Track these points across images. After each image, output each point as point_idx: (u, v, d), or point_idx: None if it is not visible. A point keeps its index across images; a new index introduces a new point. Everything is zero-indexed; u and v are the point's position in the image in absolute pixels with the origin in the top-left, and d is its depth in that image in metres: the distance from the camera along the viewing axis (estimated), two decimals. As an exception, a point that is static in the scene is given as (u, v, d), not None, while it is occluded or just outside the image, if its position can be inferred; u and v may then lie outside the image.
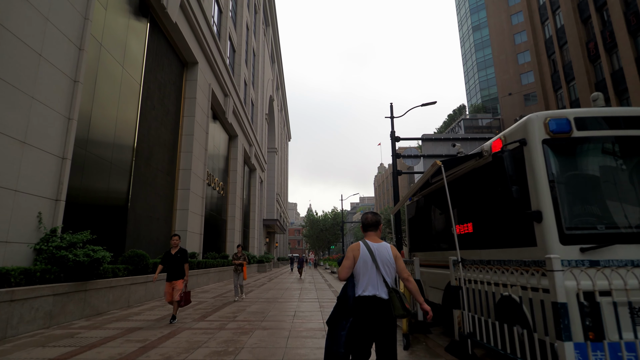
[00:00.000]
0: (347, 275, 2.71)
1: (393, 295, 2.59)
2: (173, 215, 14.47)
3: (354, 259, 2.70)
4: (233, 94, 22.81)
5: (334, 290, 12.71)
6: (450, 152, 16.43)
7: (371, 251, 2.69)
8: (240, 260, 10.05)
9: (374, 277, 2.62)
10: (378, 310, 2.55)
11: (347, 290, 2.67)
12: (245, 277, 9.79)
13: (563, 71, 29.57)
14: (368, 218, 2.88)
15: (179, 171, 14.97)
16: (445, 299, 5.69)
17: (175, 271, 6.44)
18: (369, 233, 2.85)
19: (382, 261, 2.66)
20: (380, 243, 2.77)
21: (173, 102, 14.82)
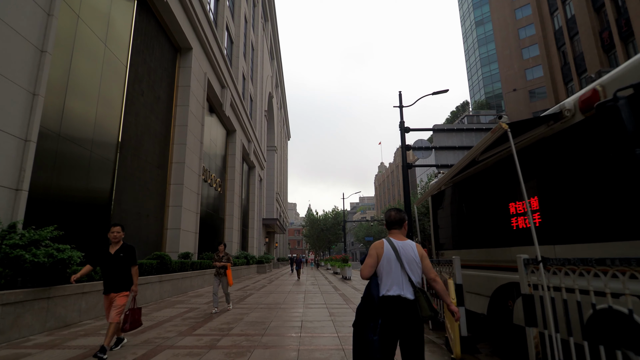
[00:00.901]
0: (369, 274, 2.59)
1: (419, 295, 2.46)
2: (165, 212, 13.31)
3: (378, 257, 2.59)
4: (231, 86, 21.66)
5: (341, 293, 11.56)
6: (464, 144, 15.31)
7: (396, 249, 2.56)
8: (222, 261, 7.95)
9: (399, 276, 2.50)
10: (404, 311, 2.42)
11: (371, 289, 2.54)
12: (231, 282, 7.84)
13: (574, 63, 28.45)
14: (392, 215, 2.76)
15: (172, 165, 13.81)
16: (493, 309, 4.54)
17: (115, 278, 4.35)
18: (393, 231, 2.73)
19: (407, 260, 2.53)
20: (405, 241, 2.63)
21: (165, 90, 13.66)
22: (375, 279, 2.58)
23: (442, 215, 6.27)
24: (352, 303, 8.80)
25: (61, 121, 7.67)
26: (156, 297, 9.32)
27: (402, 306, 2.42)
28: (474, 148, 4.12)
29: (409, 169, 14.72)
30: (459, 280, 4.40)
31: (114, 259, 4.44)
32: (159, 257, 9.88)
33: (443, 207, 6.25)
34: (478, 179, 4.92)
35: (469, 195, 5.21)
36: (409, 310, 2.42)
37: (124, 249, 4.53)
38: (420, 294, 2.47)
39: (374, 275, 2.59)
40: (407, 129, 15.09)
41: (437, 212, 6.57)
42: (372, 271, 2.58)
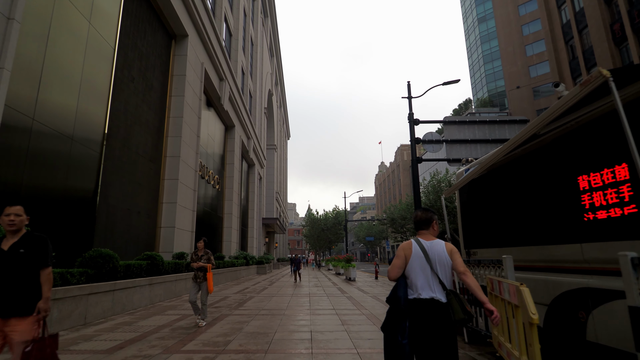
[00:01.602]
0: (397, 275, 2.48)
1: (452, 297, 2.31)
2: (158, 209, 12.40)
3: (406, 258, 2.48)
4: (229, 80, 20.76)
5: (348, 296, 10.67)
6: (477, 137, 14.44)
7: (424, 250, 2.45)
8: (202, 261, 6.27)
9: (429, 278, 2.38)
10: (436, 315, 2.28)
11: (397, 291, 2.43)
12: (211, 289, 6.16)
13: (583, 57, 27.63)
14: (418, 216, 2.66)
15: (166, 158, 12.90)
16: (553, 320, 3.64)
17: (9, 291, 2.52)
18: (421, 231, 2.62)
19: (437, 260, 2.41)
20: (433, 241, 2.51)
21: (158, 78, 12.76)
22: (404, 280, 2.48)
23: (476, 208, 5.34)
24: (363, 308, 7.91)
25: (35, 104, 6.76)
26: (146, 302, 8.41)
27: (434, 309, 2.30)
28: (539, 118, 3.23)
29: (419, 163, 13.82)
30: (511, 277, 3.51)
31: (8, 258, 2.58)
32: (149, 257, 8.97)
33: (478, 197, 5.33)
34: (540, 157, 3.95)
35: (522, 179, 4.24)
36: (440, 314, 2.29)
37: (26, 241, 2.65)
38: (452, 296, 2.33)
39: (402, 276, 2.50)
40: (417, 121, 14.21)
41: (468, 205, 5.65)
42: (400, 272, 2.49)
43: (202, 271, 6.20)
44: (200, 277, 6.19)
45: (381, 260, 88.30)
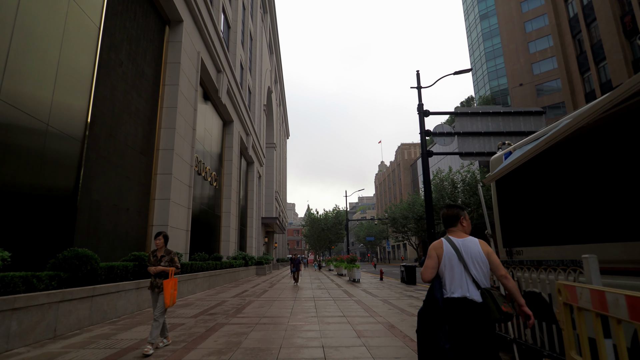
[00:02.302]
0: (431, 276, 2.41)
1: (486, 296, 2.22)
2: (150, 206, 11.49)
3: (438, 258, 2.41)
4: (227, 72, 19.87)
5: (357, 299, 9.79)
6: (490, 129, 13.58)
7: (456, 248, 2.38)
8: (162, 264, 4.78)
9: (462, 276, 2.30)
10: (470, 315, 2.20)
11: (434, 291, 2.35)
12: (169, 302, 4.54)
13: (591, 51, 26.83)
14: (444, 213, 2.59)
15: (158, 151, 11.99)
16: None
17: None
18: (451, 229, 2.54)
19: (471, 258, 2.33)
20: (466, 238, 2.43)
21: (150, 65, 11.85)
22: (438, 280, 2.39)
23: (526, 197, 4.41)
24: (378, 315, 7.02)
25: (2, 78, 5.85)
26: (132, 309, 7.50)
27: (468, 309, 2.21)
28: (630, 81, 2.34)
29: (430, 156, 12.97)
30: (596, 282, 2.61)
31: None
32: (137, 258, 8.07)
33: (530, 184, 4.36)
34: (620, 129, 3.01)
35: (610, 153, 3.26)
36: (476, 314, 2.19)
37: None
38: (487, 294, 2.22)
39: (437, 277, 2.41)
40: (426, 112, 13.35)
41: (513, 194, 4.74)
42: (434, 273, 2.41)
43: (162, 277, 4.70)
44: (158, 287, 4.64)
45: (381, 260, 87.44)
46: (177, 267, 4.91)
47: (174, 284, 4.69)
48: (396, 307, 8.12)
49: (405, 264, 16.46)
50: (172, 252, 4.97)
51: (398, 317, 6.74)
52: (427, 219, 12.57)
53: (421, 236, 52.32)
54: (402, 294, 11.42)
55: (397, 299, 9.81)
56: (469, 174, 37.37)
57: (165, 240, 5.01)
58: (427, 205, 12.65)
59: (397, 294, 11.46)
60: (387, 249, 77.77)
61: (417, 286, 14.59)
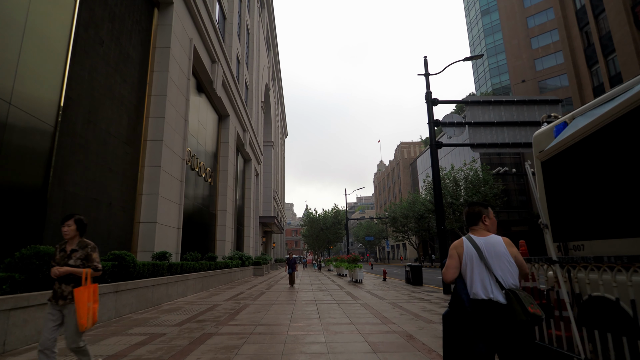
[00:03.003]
0: (453, 277, 2.32)
1: (511, 297, 2.09)
2: (136, 201, 10.56)
3: (459, 257, 2.33)
4: (223, 63, 18.94)
5: (363, 303, 8.89)
6: (503, 119, 12.70)
7: (477, 247, 2.28)
8: (70, 262, 3.15)
9: (484, 277, 2.19)
10: (495, 318, 2.08)
11: (459, 291, 2.25)
12: (86, 321, 2.97)
13: (600, 43, 26.02)
14: (466, 211, 2.50)
15: (146, 142, 11.06)
16: None
17: None
18: (473, 228, 2.44)
19: (494, 257, 2.22)
20: (488, 236, 2.33)
21: (137, 49, 10.92)
22: (462, 281, 2.30)
23: (592, 178, 3.49)
24: (390, 322, 6.11)
25: (-55, 45, 4.92)
26: (110, 315, 6.57)
27: (492, 311, 2.10)
28: None
29: (439, 148, 12.08)
30: None
31: None
32: (116, 257, 7.13)
33: (599, 161, 3.44)
34: None
35: None
36: (501, 316, 2.07)
37: None
38: (511, 295, 2.10)
39: (460, 277, 2.32)
40: (435, 101, 12.46)
41: (570, 176, 3.82)
42: (457, 273, 2.32)
43: (70, 284, 3.11)
44: (66, 296, 3.07)
45: (380, 260, 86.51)
46: (97, 268, 3.21)
47: (91, 293, 3.06)
48: (409, 312, 7.22)
49: (411, 263, 15.57)
50: (90, 246, 3.25)
51: (414, 325, 5.84)
52: (436, 214, 11.68)
53: (421, 236, 51.45)
54: (411, 295, 10.53)
55: (407, 302, 8.91)
56: (471, 172, 36.54)
57: (79, 226, 3.24)
58: (437, 201, 11.76)
59: (404, 295, 10.57)
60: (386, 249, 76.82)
61: (424, 287, 13.70)
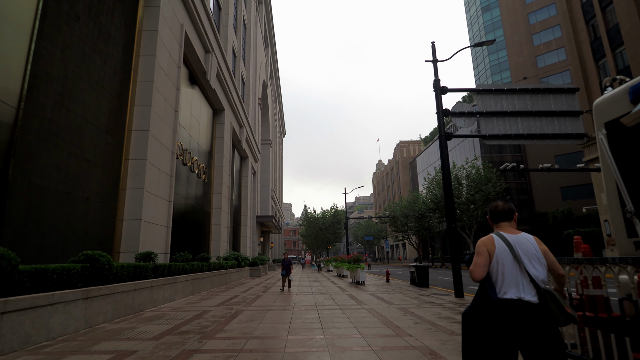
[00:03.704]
0: (482, 275, 2.17)
1: (546, 297, 2.01)
2: (119, 196, 9.62)
3: (489, 255, 2.19)
4: (217, 54, 18.02)
5: (369, 308, 7.99)
6: (517, 108, 11.84)
7: (509, 244, 2.16)
8: None
9: (517, 276, 2.10)
10: (527, 318, 1.99)
11: (487, 291, 2.12)
12: None
13: (607, 36, 25.25)
14: (499, 206, 2.35)
15: (130, 133, 10.14)
16: None
17: None
18: (502, 224, 2.33)
19: (527, 256, 2.12)
20: (519, 234, 2.22)
21: (119, 29, 9.99)
22: (490, 279, 2.18)
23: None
24: (405, 333, 5.22)
25: None
26: (77, 326, 5.64)
27: (524, 312, 2.00)
28: None
29: (449, 139, 11.20)
30: None
31: None
32: (88, 258, 6.20)
33: None
34: None
35: None
36: (533, 317, 1.99)
37: None
38: (547, 296, 2.02)
39: (487, 276, 2.19)
40: (444, 89, 11.59)
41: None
42: (485, 271, 2.18)
43: None
44: None
45: (379, 260, 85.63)
46: None
47: None
48: (423, 320, 6.33)
49: (416, 264, 14.69)
50: None
51: (435, 338, 4.95)
52: (446, 211, 10.81)
53: (422, 235, 50.63)
54: (420, 299, 9.64)
55: (417, 307, 8.02)
56: (473, 170, 35.76)
57: None
58: (447, 196, 10.88)
59: (413, 299, 9.68)
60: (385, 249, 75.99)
61: (431, 289, 12.82)
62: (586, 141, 25.81)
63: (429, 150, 57.08)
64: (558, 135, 11.60)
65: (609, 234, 24.19)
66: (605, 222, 24.62)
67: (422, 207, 43.54)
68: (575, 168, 21.37)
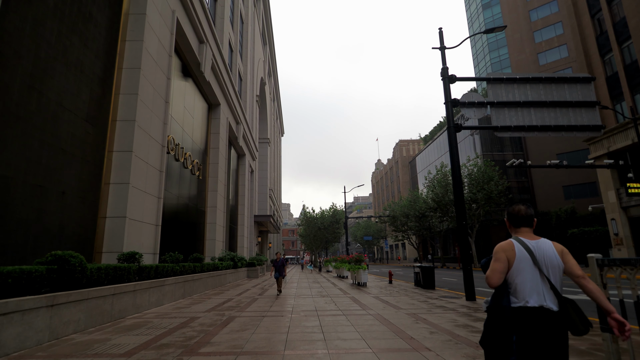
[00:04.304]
0: (499, 282, 2.12)
1: (567, 305, 2.01)
2: (102, 191, 8.84)
3: (508, 261, 2.12)
4: (212, 45, 17.24)
5: (375, 313, 7.24)
6: (530, 98, 11.11)
7: (530, 250, 2.11)
8: None
9: (538, 283, 2.05)
10: (548, 327, 1.96)
11: (501, 299, 2.09)
12: None
13: (614, 30, 24.58)
14: (521, 211, 2.27)
15: (115, 123, 9.35)
16: None
17: None
18: (523, 229, 2.24)
19: (547, 263, 2.07)
20: (539, 240, 2.16)
21: (102, 10, 9.20)
22: (505, 286, 2.12)
23: None
24: (421, 347, 4.47)
25: None
26: (39, 339, 4.85)
27: (545, 320, 1.97)
28: None
29: (458, 131, 10.46)
30: None
31: None
32: (57, 259, 5.42)
33: None
34: None
35: None
36: (553, 325, 1.97)
37: None
38: (568, 304, 2.01)
39: (504, 282, 2.13)
40: (452, 78, 10.85)
41: None
42: (503, 277, 2.12)
43: None
44: None
45: (378, 260, 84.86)
46: None
47: None
48: (440, 329, 5.57)
49: (421, 264, 13.94)
50: None
51: (459, 352, 4.19)
52: (456, 207, 10.06)
53: (422, 235, 49.90)
54: (429, 303, 8.88)
55: (429, 313, 7.27)
56: (475, 168, 35.06)
57: None
58: (456, 191, 10.13)
59: (421, 303, 8.92)
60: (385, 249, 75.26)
61: (438, 291, 12.08)
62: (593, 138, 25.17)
63: (429, 149, 56.42)
64: (574, 127, 10.88)
65: (616, 233, 23.52)
66: (612, 220, 23.96)
67: (422, 206, 42.80)
68: (584, 164, 20.69)
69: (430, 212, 41.80)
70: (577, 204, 37.12)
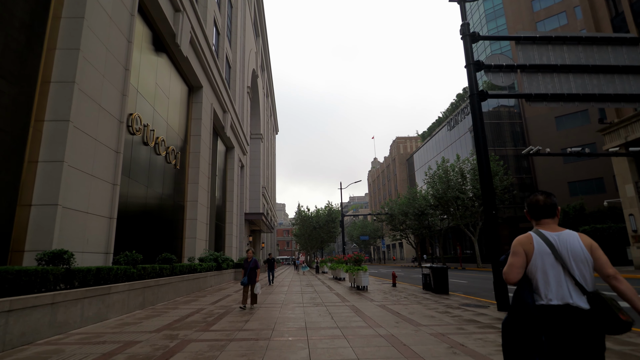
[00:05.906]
0: (518, 277, 1.94)
1: (598, 302, 1.77)
2: (24, 171, 6.72)
3: (527, 255, 1.94)
4: (191, 16, 15.12)
5: (386, 332, 5.23)
6: (567, 61, 9.09)
7: (551, 244, 1.90)
8: None
9: (561, 279, 1.84)
10: (576, 327, 1.74)
11: (523, 296, 1.88)
12: None
13: (631, 10, 22.83)
14: (540, 200, 2.03)
15: (48, 85, 7.23)
16: None
17: None
18: (544, 221, 2.02)
19: (571, 256, 1.85)
20: (562, 232, 1.94)
21: (28, -64, 7.08)
22: (527, 282, 1.93)
23: None
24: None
25: None
26: None
27: (573, 319, 1.75)
28: None
29: (483, 100, 8.46)
30: None
31: None
32: None
33: None
34: None
35: None
36: (584, 325, 1.74)
37: None
38: (599, 300, 1.77)
39: (525, 278, 1.95)
40: (474, 36, 8.86)
41: None
42: (522, 273, 1.94)
43: None
44: None
45: (375, 260, 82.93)
46: None
47: None
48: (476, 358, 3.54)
49: (432, 264, 11.96)
50: None
51: None
52: (482, 193, 8.04)
53: (421, 234, 47.99)
54: (452, 316, 6.87)
55: (460, 333, 5.25)
56: (478, 163, 33.25)
57: None
58: (484, 174, 8.12)
59: (443, 315, 6.91)
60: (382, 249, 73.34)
61: (453, 297, 10.09)
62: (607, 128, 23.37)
63: (427, 146, 54.63)
64: (622, 97, 8.94)
65: (635, 230, 21.73)
66: (630, 216, 22.15)
67: (422, 202, 40.90)
68: (604, 152, 18.85)
69: (430, 210, 39.93)
70: (584, 200, 35.42)
